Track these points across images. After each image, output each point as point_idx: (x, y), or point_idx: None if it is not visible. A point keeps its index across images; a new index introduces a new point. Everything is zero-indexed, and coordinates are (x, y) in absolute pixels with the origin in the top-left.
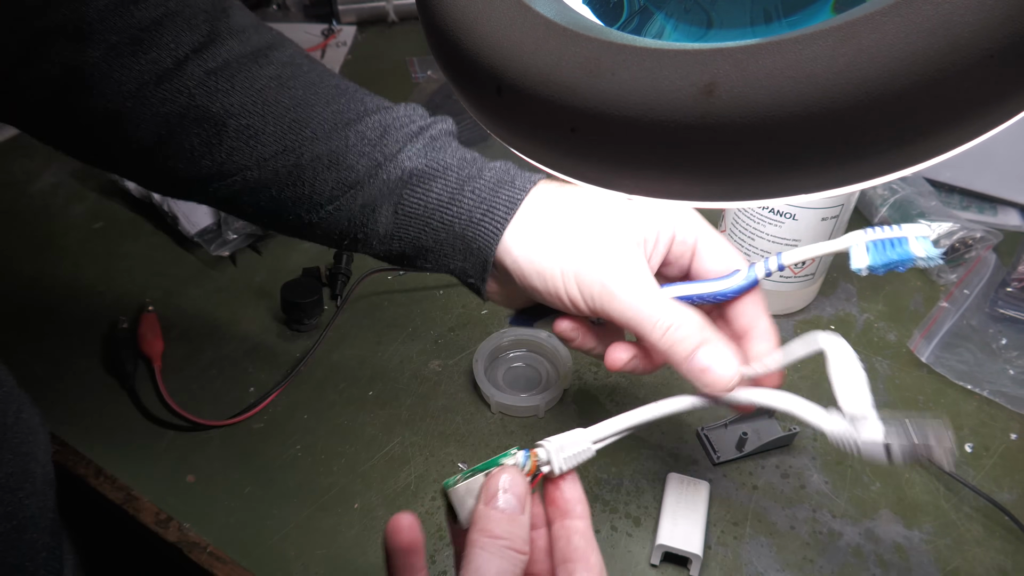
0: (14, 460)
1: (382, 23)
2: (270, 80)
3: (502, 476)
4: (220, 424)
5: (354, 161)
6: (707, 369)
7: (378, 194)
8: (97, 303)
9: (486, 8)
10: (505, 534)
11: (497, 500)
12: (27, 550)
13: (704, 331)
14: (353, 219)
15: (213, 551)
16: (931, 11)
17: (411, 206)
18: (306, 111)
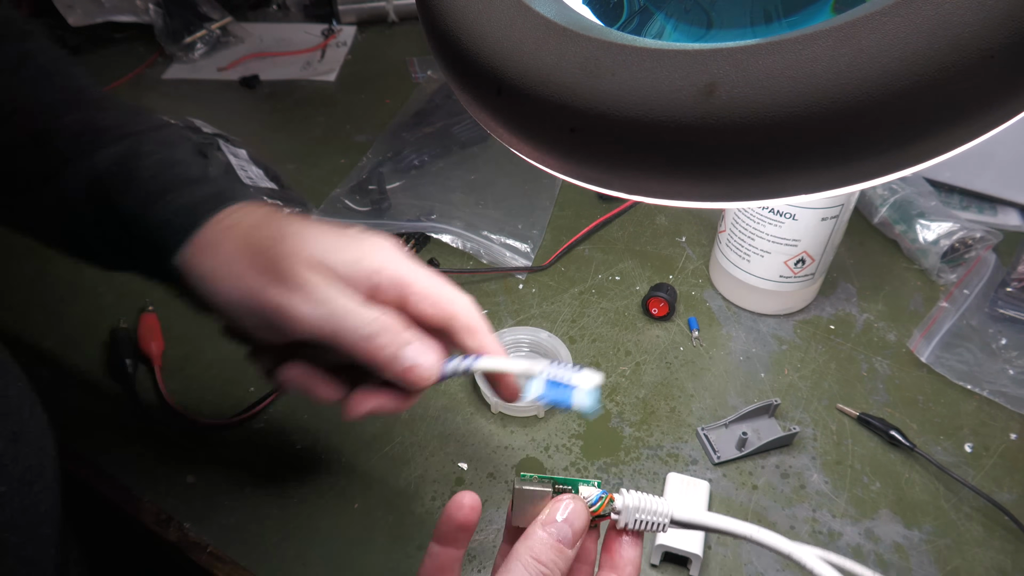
0: (31, 454)
1: (382, 23)
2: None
3: (568, 504)
4: (220, 424)
5: (53, 153)
6: (410, 368)
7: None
8: (97, 303)
9: (486, 8)
10: (548, 562)
11: (554, 526)
12: (41, 545)
13: (402, 334)
14: (50, 212)
15: (213, 551)
16: (931, 11)
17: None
18: (17, 101)
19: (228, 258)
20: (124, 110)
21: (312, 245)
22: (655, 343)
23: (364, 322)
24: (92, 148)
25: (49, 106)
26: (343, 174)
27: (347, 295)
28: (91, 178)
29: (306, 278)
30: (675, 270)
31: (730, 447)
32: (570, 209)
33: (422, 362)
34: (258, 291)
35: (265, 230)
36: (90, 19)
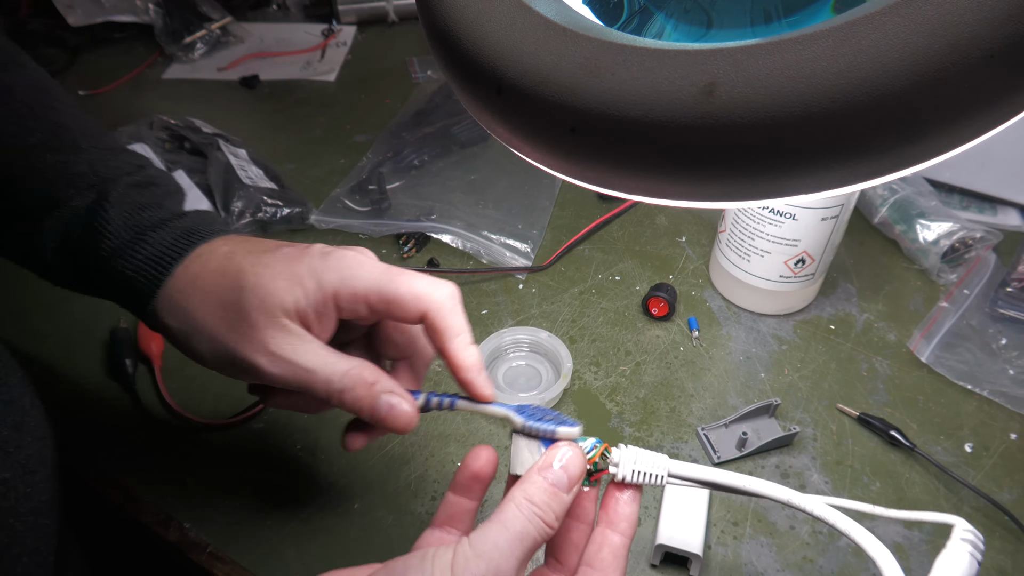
0: (32, 443)
1: (382, 23)
2: None
3: (563, 450)
4: (220, 424)
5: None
6: (386, 417)
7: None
8: (97, 303)
9: (486, 8)
10: (542, 504)
11: (550, 471)
12: (43, 535)
13: (373, 387)
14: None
15: (213, 551)
16: (931, 11)
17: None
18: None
19: (196, 315)
20: (100, 151)
21: (271, 292)
22: (655, 343)
23: (334, 378)
24: (63, 197)
25: (25, 148)
26: (343, 174)
27: (314, 349)
28: (62, 232)
29: (269, 336)
30: (675, 270)
31: (730, 447)
32: (570, 209)
33: (397, 412)
34: (228, 349)
35: (226, 278)
36: (90, 19)
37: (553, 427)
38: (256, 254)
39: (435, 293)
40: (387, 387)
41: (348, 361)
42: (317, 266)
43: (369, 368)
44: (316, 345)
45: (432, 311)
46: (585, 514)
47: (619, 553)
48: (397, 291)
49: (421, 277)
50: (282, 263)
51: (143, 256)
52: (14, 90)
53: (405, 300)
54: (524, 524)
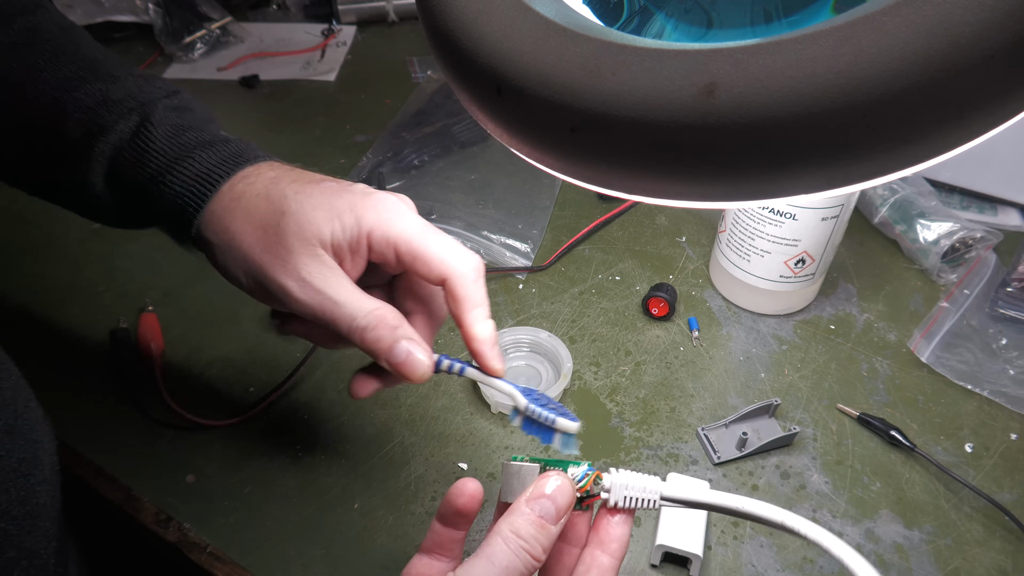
0: (25, 446)
1: (382, 23)
2: (3, 45)
3: (552, 481)
4: (220, 424)
5: (70, 129)
6: (403, 363)
7: (89, 165)
8: (97, 303)
9: (486, 8)
10: (528, 537)
11: (537, 503)
12: (40, 537)
13: (395, 330)
14: (75, 187)
15: (213, 551)
16: (931, 11)
17: (122, 179)
18: (31, 76)
19: (236, 233)
20: (135, 79)
21: (310, 220)
22: (655, 343)
23: (359, 314)
24: (107, 123)
25: (62, 81)
26: (343, 174)
27: (343, 283)
28: (110, 157)
29: (303, 263)
30: (675, 270)
31: (730, 447)
32: (570, 209)
33: (415, 359)
34: (262, 270)
35: (269, 202)
36: (90, 19)
37: (553, 416)
38: (300, 183)
39: (460, 261)
40: (408, 334)
41: (374, 301)
42: (358, 203)
43: (393, 312)
44: (346, 280)
45: (454, 278)
46: (577, 537)
47: (608, 575)
48: (426, 249)
49: (451, 242)
50: (325, 195)
51: (191, 173)
52: (41, 31)
53: (431, 260)
54: (510, 558)
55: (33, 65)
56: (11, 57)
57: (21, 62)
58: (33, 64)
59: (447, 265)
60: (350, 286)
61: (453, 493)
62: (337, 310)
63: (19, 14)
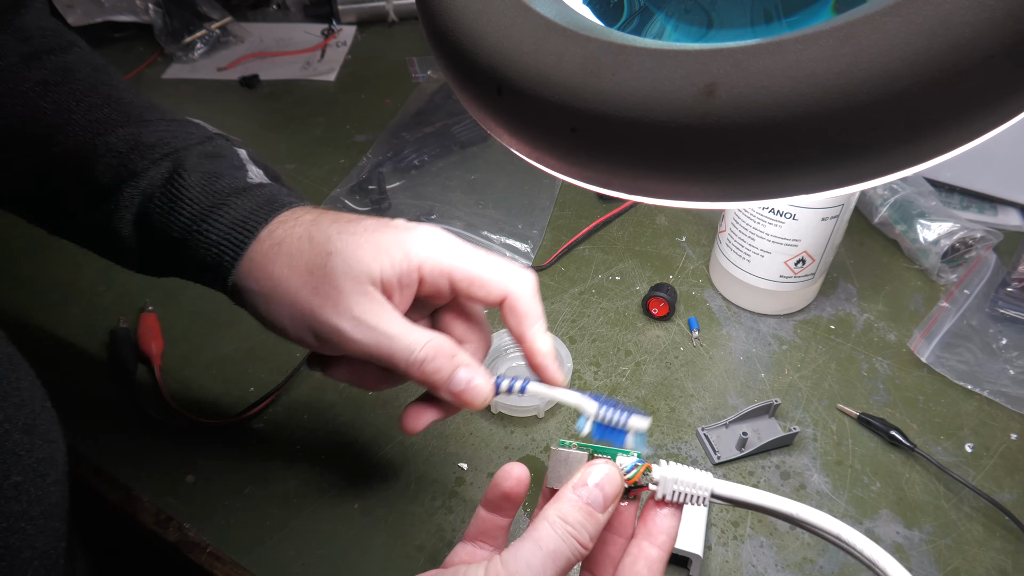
0: (43, 446)
1: (382, 23)
2: (36, 84)
3: (600, 469)
4: (220, 424)
5: (101, 173)
6: (464, 391)
7: (116, 210)
8: (97, 303)
9: (486, 8)
10: (576, 524)
11: (584, 489)
12: (52, 537)
13: (454, 358)
14: (101, 231)
15: (213, 551)
16: (931, 11)
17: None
18: (64, 117)
19: (281, 279)
20: (167, 122)
21: (358, 258)
22: (655, 343)
23: (416, 347)
24: (138, 169)
25: (94, 123)
26: (343, 174)
27: (397, 318)
28: (140, 203)
29: (355, 302)
30: (675, 270)
31: (730, 447)
32: (570, 209)
33: (475, 385)
34: (312, 313)
35: (313, 244)
36: (90, 19)
37: (626, 416)
38: (341, 223)
39: (518, 278)
40: (466, 361)
41: (428, 332)
42: (403, 238)
43: (448, 341)
44: (397, 315)
45: (514, 295)
46: (624, 528)
47: (655, 568)
48: (482, 272)
49: (503, 261)
50: (368, 232)
51: (227, 220)
52: (74, 70)
53: (489, 281)
54: (557, 543)
55: (65, 105)
56: (43, 96)
57: (53, 102)
58: (65, 104)
59: (505, 284)
60: (402, 320)
61: (500, 476)
62: (394, 345)
63: (53, 52)
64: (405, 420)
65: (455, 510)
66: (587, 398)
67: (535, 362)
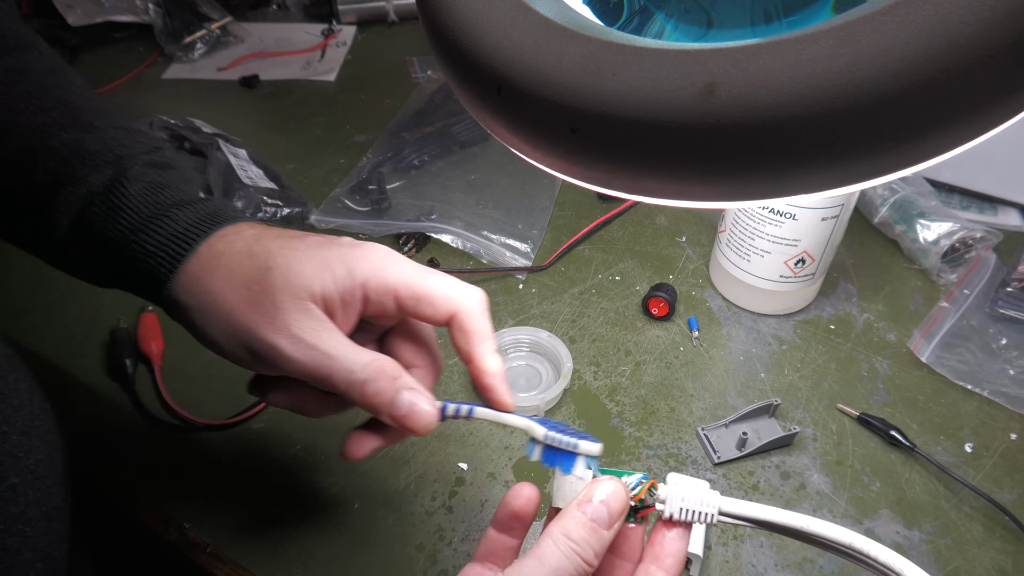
0: (43, 448)
1: (382, 23)
2: None
3: (604, 486)
4: (220, 424)
5: (40, 176)
6: (407, 415)
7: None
8: (97, 303)
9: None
10: (580, 540)
11: (589, 506)
12: (55, 540)
13: (396, 381)
14: (36, 235)
15: (213, 551)
16: (931, 11)
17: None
18: (11, 119)
19: (217, 292)
20: (116, 130)
21: (299, 273)
22: (655, 343)
23: (357, 367)
24: (79, 174)
25: (40, 126)
26: (343, 174)
27: (337, 338)
28: (77, 209)
29: (293, 319)
30: (675, 270)
31: (730, 447)
32: (570, 209)
33: (418, 409)
34: (248, 329)
35: (253, 259)
36: (90, 19)
37: (575, 440)
38: (284, 238)
39: (465, 295)
40: (409, 383)
41: (370, 353)
42: (347, 255)
43: (392, 363)
44: (339, 334)
45: (462, 312)
46: (631, 551)
47: None
48: (429, 288)
49: (451, 279)
50: (312, 248)
51: (166, 232)
52: (30, 72)
53: (436, 298)
54: (560, 560)
55: (13, 107)
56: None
57: (2, 104)
58: (13, 106)
59: (453, 301)
60: (344, 340)
61: (510, 496)
62: (334, 364)
63: (7, 52)
64: (347, 447)
65: (455, 510)
66: (535, 423)
67: (483, 382)
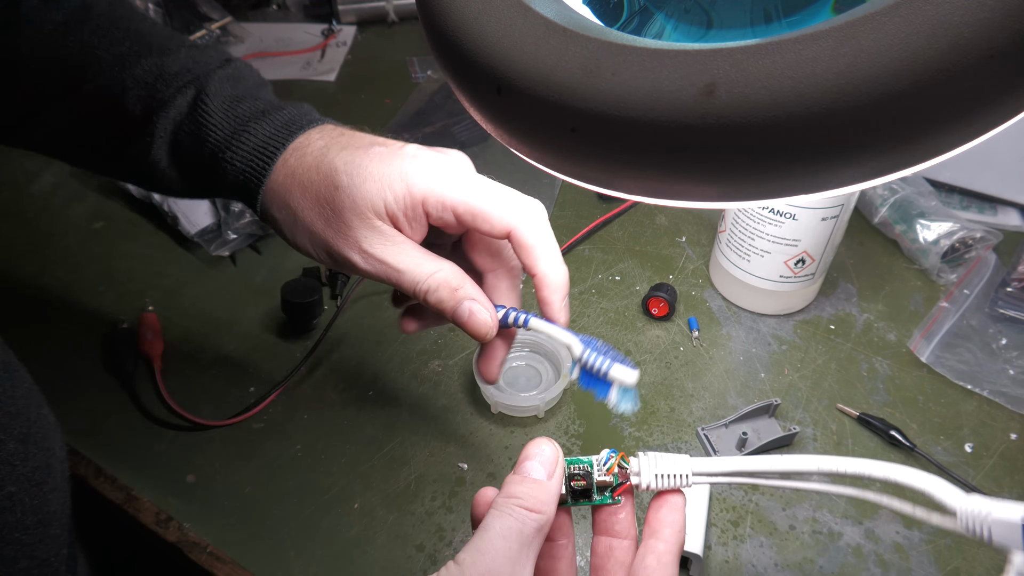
0: (39, 454)
1: (382, 23)
2: (58, 25)
3: (530, 445)
4: (220, 424)
5: (131, 106)
6: (467, 322)
7: (152, 142)
8: (97, 303)
9: (486, 8)
10: (519, 494)
11: (520, 466)
12: (51, 545)
13: (460, 290)
14: (142, 165)
15: (213, 551)
16: (931, 11)
17: (184, 154)
18: (89, 55)
19: (296, 209)
20: (188, 49)
21: (363, 193)
22: (655, 343)
23: (420, 279)
24: (165, 99)
25: (119, 58)
26: None
27: (404, 250)
28: (171, 132)
29: (362, 236)
30: (675, 270)
31: (730, 447)
32: (570, 209)
33: (478, 319)
34: (327, 242)
35: (321, 175)
36: None
37: (609, 362)
38: (350, 151)
39: (520, 212)
40: (470, 293)
41: (435, 263)
42: (408, 170)
43: (455, 272)
44: (407, 245)
45: (518, 228)
46: (624, 529)
47: (664, 560)
48: (485, 206)
49: (510, 193)
50: (374, 163)
51: (248, 148)
52: (92, 6)
53: (491, 216)
54: (503, 520)
55: (88, 43)
56: (66, 36)
57: (76, 41)
58: (88, 42)
59: (509, 217)
60: (411, 251)
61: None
62: (401, 276)
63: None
64: (402, 323)
65: (455, 510)
66: (578, 339)
67: (539, 295)
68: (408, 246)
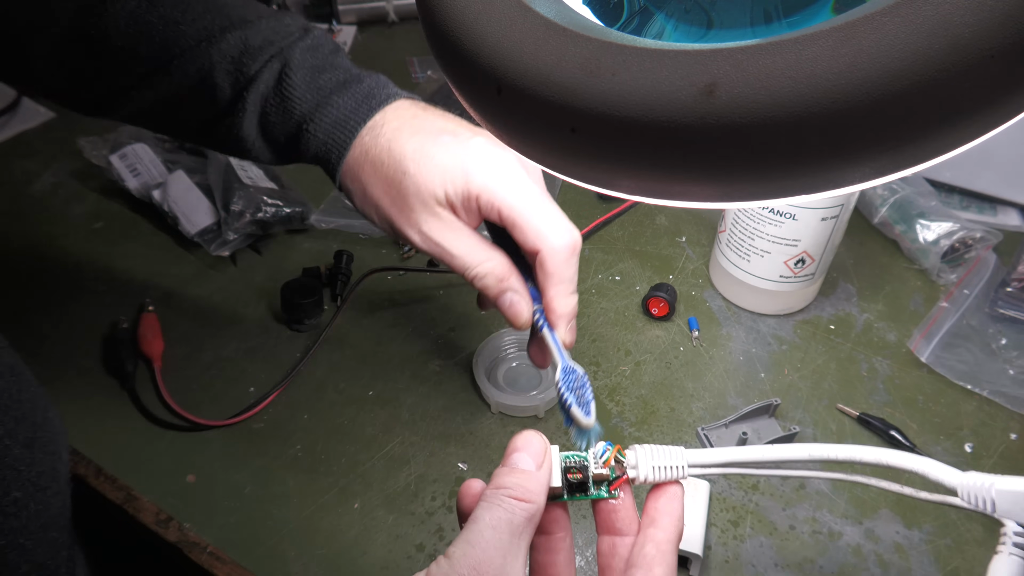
0: (44, 459)
1: (382, 23)
2: (141, 1)
3: (517, 438)
4: (220, 424)
5: (221, 81)
6: (507, 310)
7: (244, 116)
8: (97, 303)
9: (486, 8)
10: (508, 484)
11: (508, 459)
12: (50, 548)
13: (505, 281)
14: (232, 138)
15: (213, 551)
16: (931, 11)
17: (273, 127)
18: (173, 30)
19: (368, 185)
20: (267, 20)
21: (427, 182)
22: (655, 343)
23: (471, 266)
24: (252, 73)
25: (203, 31)
26: None
27: (460, 236)
28: (261, 105)
29: (423, 220)
30: (675, 270)
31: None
32: (570, 209)
33: (518, 309)
34: (392, 220)
35: (392, 158)
36: None
37: (573, 400)
38: (421, 136)
39: (555, 237)
40: (513, 286)
41: (486, 253)
42: (470, 165)
43: (503, 264)
44: (463, 232)
45: (545, 252)
46: (626, 526)
47: (663, 547)
48: (525, 220)
49: (551, 215)
50: (441, 153)
51: (330, 121)
52: None
53: (527, 231)
54: (492, 510)
55: (171, 18)
56: (150, 11)
57: (159, 16)
58: (171, 17)
59: (541, 239)
60: (465, 238)
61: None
62: (453, 260)
63: None
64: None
65: (455, 510)
66: (560, 368)
67: (548, 319)
68: (464, 232)
